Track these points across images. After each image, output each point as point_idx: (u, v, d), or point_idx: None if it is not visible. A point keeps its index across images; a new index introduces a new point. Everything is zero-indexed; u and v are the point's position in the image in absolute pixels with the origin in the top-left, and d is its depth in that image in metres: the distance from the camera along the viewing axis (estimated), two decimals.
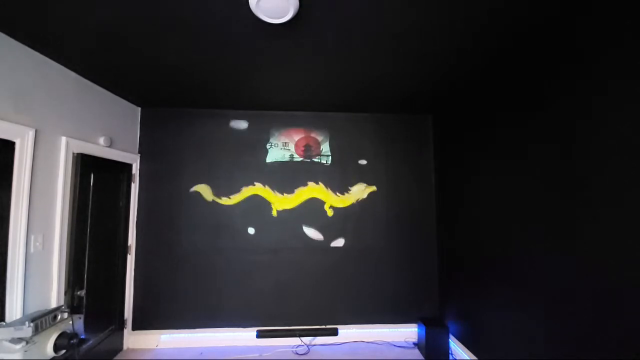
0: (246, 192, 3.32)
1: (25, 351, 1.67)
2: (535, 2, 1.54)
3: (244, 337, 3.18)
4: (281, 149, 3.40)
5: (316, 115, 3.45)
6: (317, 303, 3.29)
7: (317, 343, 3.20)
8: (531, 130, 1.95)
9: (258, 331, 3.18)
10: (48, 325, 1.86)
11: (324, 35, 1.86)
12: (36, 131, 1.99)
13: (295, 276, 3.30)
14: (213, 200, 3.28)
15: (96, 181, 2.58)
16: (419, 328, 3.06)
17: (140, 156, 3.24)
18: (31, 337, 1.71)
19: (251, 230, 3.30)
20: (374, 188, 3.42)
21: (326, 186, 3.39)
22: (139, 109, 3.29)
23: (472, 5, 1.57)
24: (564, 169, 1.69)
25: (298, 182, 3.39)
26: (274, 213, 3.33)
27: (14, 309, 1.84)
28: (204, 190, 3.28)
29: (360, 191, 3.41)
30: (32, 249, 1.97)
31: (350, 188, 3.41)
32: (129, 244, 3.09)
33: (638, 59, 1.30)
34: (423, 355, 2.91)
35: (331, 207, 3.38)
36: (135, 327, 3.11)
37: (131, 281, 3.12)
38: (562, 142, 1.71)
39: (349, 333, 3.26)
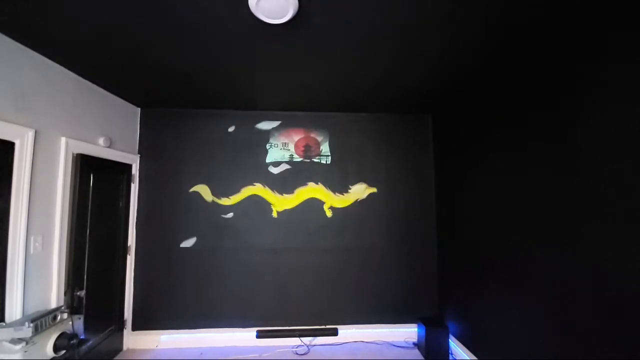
0: (246, 192, 3.32)
1: (25, 351, 1.67)
2: (536, 3, 1.54)
3: (244, 337, 3.18)
4: (281, 149, 3.40)
5: (316, 115, 3.45)
6: (317, 303, 3.29)
7: (317, 343, 3.20)
8: (531, 130, 1.95)
9: (258, 331, 3.18)
10: (48, 325, 1.86)
11: (323, 35, 1.86)
12: (36, 132, 1.99)
13: (295, 276, 3.30)
14: (213, 201, 3.28)
15: (96, 181, 2.58)
16: (419, 328, 3.06)
17: (140, 156, 3.24)
18: (31, 338, 1.71)
19: (251, 231, 3.30)
20: (374, 189, 3.42)
21: (326, 186, 3.39)
22: (139, 109, 3.29)
23: (472, 6, 1.57)
24: (564, 168, 1.69)
25: (298, 182, 3.39)
26: (274, 213, 3.33)
27: (14, 310, 1.84)
28: (204, 190, 3.28)
29: (360, 191, 3.41)
30: (31, 250, 1.97)
31: (350, 187, 3.41)
32: (128, 244, 3.09)
33: (634, 57, 1.30)
34: (423, 355, 2.91)
35: (331, 207, 3.38)
36: (135, 327, 3.11)
37: (131, 281, 3.11)
38: (562, 142, 1.71)
39: (348, 333, 3.26)
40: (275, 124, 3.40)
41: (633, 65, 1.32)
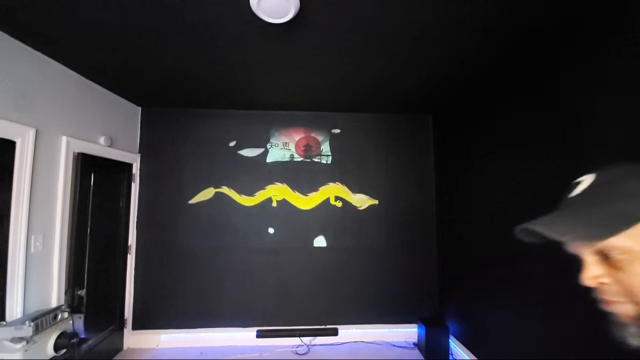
0: (266, 193, 3.32)
1: (26, 351, 1.67)
2: (536, 6, 1.54)
3: (244, 337, 3.18)
4: (281, 149, 3.40)
5: (316, 115, 3.45)
6: (317, 303, 3.29)
7: (317, 343, 3.20)
8: (531, 130, 1.95)
9: (258, 331, 3.18)
10: (48, 324, 1.86)
11: (324, 35, 1.86)
12: (37, 131, 1.99)
13: (295, 276, 3.30)
14: (213, 200, 3.28)
15: (96, 181, 2.58)
16: (419, 328, 3.06)
17: (140, 156, 3.24)
18: (31, 337, 1.71)
19: (252, 230, 3.30)
20: (375, 202, 3.41)
21: (335, 182, 3.39)
22: (139, 108, 3.29)
23: (472, 7, 1.57)
24: (564, 168, 1.69)
25: (299, 182, 3.39)
26: (275, 207, 3.33)
27: (15, 309, 1.84)
28: (205, 195, 3.28)
29: (361, 201, 3.40)
30: (32, 249, 1.97)
31: (354, 194, 3.41)
32: (129, 244, 3.09)
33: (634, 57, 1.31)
34: (423, 356, 2.91)
35: (337, 198, 3.37)
36: (136, 326, 3.11)
37: (131, 281, 3.11)
38: (562, 142, 1.71)
39: (349, 333, 3.26)
40: (259, 151, 3.36)
41: (633, 65, 1.32)
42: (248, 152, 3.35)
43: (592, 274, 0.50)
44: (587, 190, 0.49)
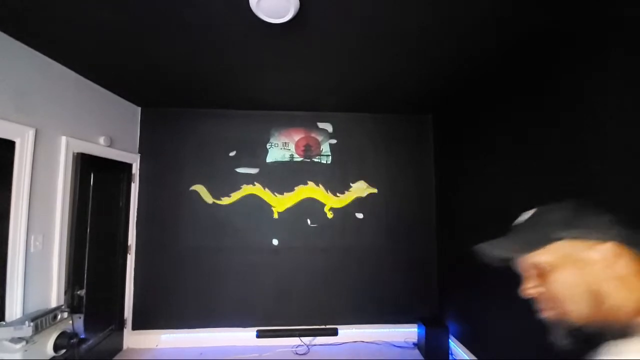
0: (246, 190, 3.32)
1: (25, 351, 1.67)
2: (535, 7, 1.54)
3: (244, 337, 3.18)
4: (281, 148, 3.40)
5: (316, 115, 3.44)
6: (317, 303, 3.29)
7: (317, 343, 3.20)
8: (531, 130, 1.94)
9: (258, 331, 3.18)
10: (48, 324, 1.86)
11: (324, 35, 1.86)
12: (36, 131, 1.99)
13: (295, 276, 3.30)
14: (214, 202, 3.28)
15: (96, 181, 2.58)
16: (418, 328, 3.06)
17: (140, 156, 3.24)
18: (31, 337, 1.71)
19: (252, 231, 3.30)
20: (374, 190, 3.41)
21: (326, 189, 3.38)
22: (139, 108, 3.29)
23: (473, 7, 1.57)
24: (565, 169, 1.69)
25: (298, 181, 3.38)
26: (275, 214, 3.33)
27: (14, 309, 1.84)
28: (202, 191, 3.28)
29: (360, 189, 3.41)
30: (32, 249, 1.97)
31: (351, 184, 3.40)
32: (128, 244, 3.09)
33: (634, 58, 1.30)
34: (423, 356, 2.91)
35: (331, 209, 3.38)
36: (135, 326, 3.11)
37: (131, 281, 3.11)
38: (563, 142, 1.71)
39: (348, 333, 3.25)
40: (255, 170, 3.34)
41: (633, 66, 1.32)
42: (244, 170, 3.34)
43: (529, 285, 0.62)
44: (527, 219, 0.66)
